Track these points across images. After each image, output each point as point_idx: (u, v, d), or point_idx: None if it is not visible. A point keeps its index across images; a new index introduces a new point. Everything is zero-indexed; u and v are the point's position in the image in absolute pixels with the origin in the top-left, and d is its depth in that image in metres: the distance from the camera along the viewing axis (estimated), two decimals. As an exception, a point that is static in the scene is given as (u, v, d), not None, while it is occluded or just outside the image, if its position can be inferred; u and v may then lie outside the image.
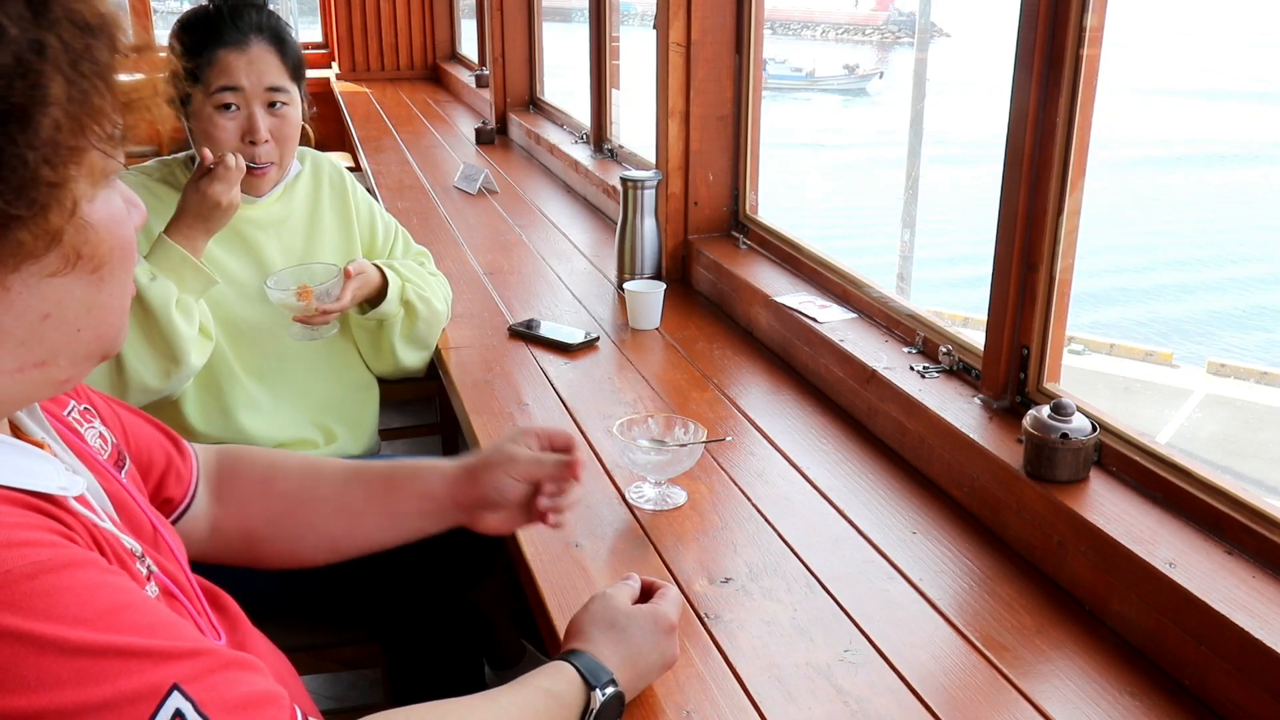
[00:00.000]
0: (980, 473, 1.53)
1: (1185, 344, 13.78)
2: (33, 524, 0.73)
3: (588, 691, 1.04)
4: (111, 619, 0.70)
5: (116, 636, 0.70)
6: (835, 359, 1.93)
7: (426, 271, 2.17)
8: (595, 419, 1.87)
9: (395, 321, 2.03)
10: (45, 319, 0.75)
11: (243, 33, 1.85)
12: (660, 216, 2.56)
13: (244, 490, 1.24)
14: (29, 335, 0.75)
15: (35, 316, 0.75)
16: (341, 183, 2.09)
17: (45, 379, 0.78)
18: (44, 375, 0.77)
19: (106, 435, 1.00)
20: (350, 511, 1.25)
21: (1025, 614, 1.33)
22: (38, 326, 0.75)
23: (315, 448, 2.00)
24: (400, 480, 1.26)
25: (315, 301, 1.86)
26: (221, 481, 1.24)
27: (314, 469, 1.28)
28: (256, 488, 1.24)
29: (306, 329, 1.91)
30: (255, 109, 1.86)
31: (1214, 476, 1.33)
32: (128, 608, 0.72)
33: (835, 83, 29.44)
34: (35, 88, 0.68)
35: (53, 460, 0.82)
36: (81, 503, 0.81)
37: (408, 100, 5.59)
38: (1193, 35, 32.05)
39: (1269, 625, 1.12)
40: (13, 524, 0.71)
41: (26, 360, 0.76)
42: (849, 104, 28.61)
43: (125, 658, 0.69)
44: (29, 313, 0.74)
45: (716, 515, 1.57)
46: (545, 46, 4.60)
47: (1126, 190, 19.82)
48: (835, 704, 1.18)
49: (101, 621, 0.69)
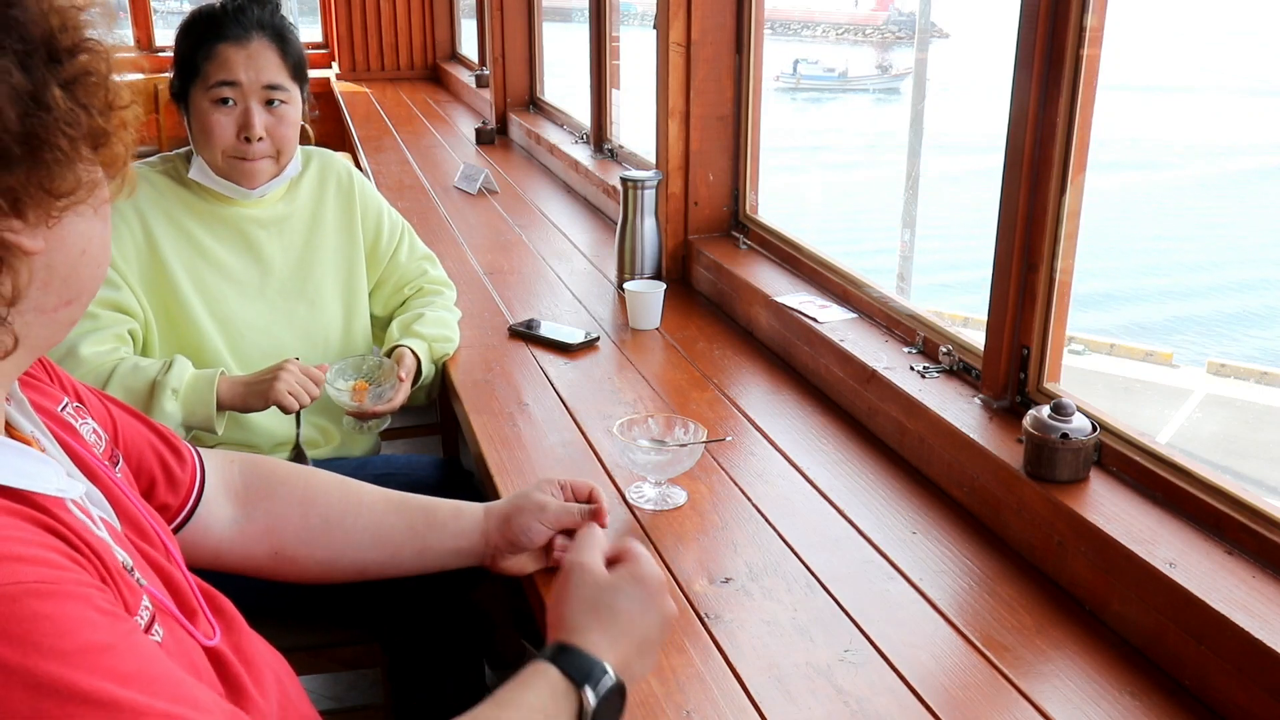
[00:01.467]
0: (980, 473, 1.53)
1: (1198, 343, 13.73)
2: (28, 538, 0.70)
3: (577, 692, 0.94)
4: (89, 659, 0.66)
5: (88, 679, 0.66)
6: (835, 359, 1.93)
7: (426, 281, 2.17)
8: (595, 419, 1.87)
9: (429, 374, 2.08)
10: (83, 254, 0.77)
11: (244, 28, 1.85)
12: (660, 216, 2.56)
13: (280, 507, 1.25)
14: (70, 272, 0.77)
15: (77, 252, 0.77)
16: (349, 184, 2.09)
17: (68, 318, 0.79)
18: (68, 314, 0.79)
19: (100, 431, 0.99)
20: (388, 542, 1.28)
21: (1025, 614, 1.33)
22: (77, 262, 0.77)
23: (315, 448, 2.00)
24: (440, 519, 1.31)
25: (368, 402, 1.92)
26: (251, 494, 1.24)
27: (356, 496, 1.30)
28: (295, 507, 1.25)
29: (357, 422, 1.97)
30: (252, 104, 1.86)
31: (1214, 476, 1.33)
32: (109, 650, 0.68)
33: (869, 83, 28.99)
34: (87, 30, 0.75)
35: (50, 461, 0.80)
36: (77, 508, 0.79)
37: (408, 100, 5.59)
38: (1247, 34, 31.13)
39: (1269, 625, 1.12)
40: (7, 536, 0.68)
41: (63, 298, 0.77)
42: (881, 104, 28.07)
43: (90, 706, 0.65)
44: (74, 248, 0.77)
45: (716, 515, 1.57)
46: (545, 46, 4.60)
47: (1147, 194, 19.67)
48: (835, 704, 1.18)
49: (78, 660, 0.66)
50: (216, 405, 1.76)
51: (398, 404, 1.94)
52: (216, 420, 1.76)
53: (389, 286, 2.16)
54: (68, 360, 1.72)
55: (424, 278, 2.18)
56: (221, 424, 1.78)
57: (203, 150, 1.88)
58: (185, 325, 1.88)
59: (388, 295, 2.16)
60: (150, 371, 1.76)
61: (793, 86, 27.39)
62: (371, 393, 1.91)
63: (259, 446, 1.92)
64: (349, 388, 1.91)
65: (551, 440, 1.80)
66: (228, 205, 1.93)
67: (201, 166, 1.89)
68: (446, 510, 1.32)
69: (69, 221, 0.75)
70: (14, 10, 0.71)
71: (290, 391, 1.76)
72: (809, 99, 27.52)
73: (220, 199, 1.93)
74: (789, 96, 27.33)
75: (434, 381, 2.11)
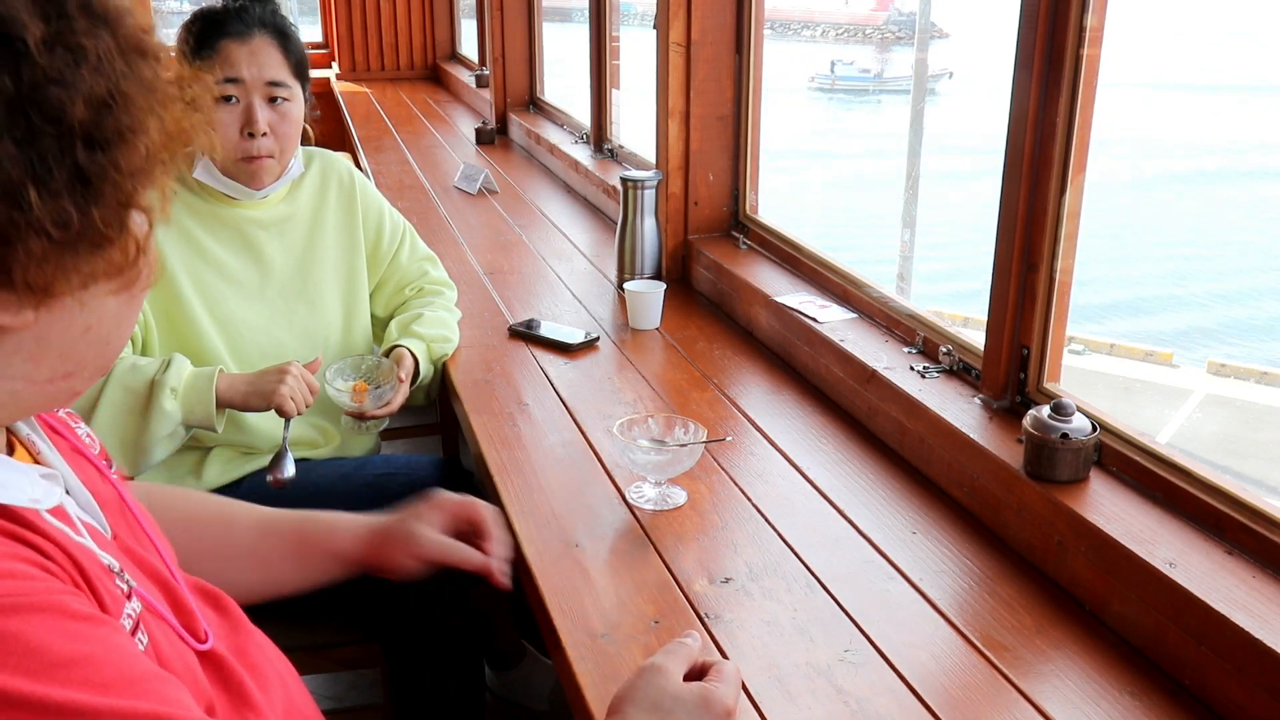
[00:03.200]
0: (980, 473, 1.53)
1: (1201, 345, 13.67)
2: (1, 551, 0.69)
3: None
4: (62, 672, 0.65)
5: (62, 691, 0.65)
6: (835, 359, 1.93)
7: (426, 282, 2.17)
8: (595, 419, 1.87)
9: (428, 375, 2.08)
10: (86, 332, 0.76)
11: (247, 25, 1.86)
12: (660, 216, 2.56)
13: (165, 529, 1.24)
14: (69, 348, 0.76)
15: (79, 330, 0.75)
16: (351, 184, 2.09)
17: (68, 390, 0.78)
18: (68, 386, 0.78)
19: (94, 434, 0.99)
20: (264, 564, 1.26)
21: (1025, 614, 1.33)
22: (78, 339, 0.76)
23: (315, 448, 2.00)
24: (314, 538, 1.28)
25: (368, 404, 1.92)
26: None
27: (228, 518, 1.28)
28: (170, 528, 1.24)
29: (356, 423, 1.97)
30: (255, 101, 1.86)
31: (1214, 476, 1.33)
32: (84, 659, 0.67)
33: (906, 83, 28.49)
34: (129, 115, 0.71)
35: (24, 468, 0.78)
36: (57, 515, 0.78)
37: (408, 100, 5.58)
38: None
39: (1269, 625, 1.12)
40: None
41: (59, 371, 0.76)
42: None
43: (69, 717, 0.64)
44: (75, 326, 0.75)
45: (716, 515, 1.57)
46: (545, 46, 4.60)
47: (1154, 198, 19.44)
48: (835, 704, 1.18)
49: (50, 675, 0.65)
50: (216, 403, 1.76)
51: (396, 406, 1.94)
52: (216, 419, 1.76)
53: (390, 287, 2.16)
54: None
55: (425, 278, 2.19)
56: (221, 422, 1.78)
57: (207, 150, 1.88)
58: (185, 326, 1.88)
59: (389, 296, 2.16)
60: (149, 370, 1.76)
61: (829, 87, 27.26)
62: (371, 393, 1.92)
63: (257, 447, 1.92)
64: (348, 388, 1.91)
65: (551, 440, 1.80)
66: (229, 206, 1.93)
67: (207, 166, 1.89)
68: (320, 528, 1.29)
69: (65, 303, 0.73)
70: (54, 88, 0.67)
71: (292, 396, 1.76)
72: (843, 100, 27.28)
73: (222, 200, 1.93)
74: (826, 97, 27.18)
75: (433, 382, 2.11)
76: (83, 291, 0.73)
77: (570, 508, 1.58)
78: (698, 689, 0.99)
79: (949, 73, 27.25)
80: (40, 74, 0.67)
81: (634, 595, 1.37)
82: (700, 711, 0.97)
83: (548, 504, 1.60)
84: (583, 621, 1.32)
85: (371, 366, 1.97)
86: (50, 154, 0.67)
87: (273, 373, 1.78)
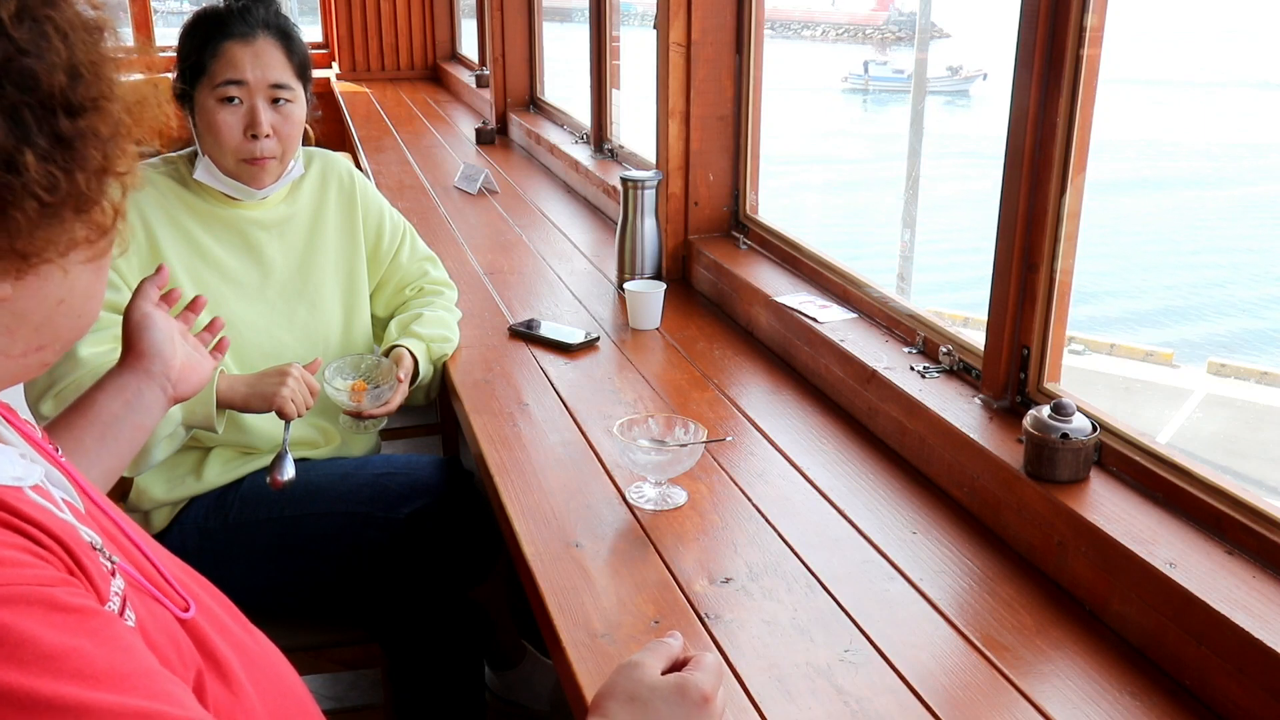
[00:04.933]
0: (980, 473, 1.53)
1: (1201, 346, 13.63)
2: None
3: None
4: (53, 664, 0.64)
5: (52, 685, 0.63)
6: (835, 359, 1.93)
7: (427, 282, 2.17)
8: (595, 419, 1.87)
9: (427, 374, 2.08)
10: (60, 304, 0.78)
11: (250, 26, 1.85)
12: (660, 216, 2.56)
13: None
14: (43, 320, 0.78)
15: (53, 302, 0.78)
16: (351, 185, 2.09)
17: (39, 362, 0.80)
18: (39, 359, 0.80)
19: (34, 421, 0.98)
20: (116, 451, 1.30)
21: (1025, 614, 1.33)
22: (52, 312, 0.78)
23: (315, 448, 2.00)
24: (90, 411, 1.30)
25: (366, 403, 1.92)
26: None
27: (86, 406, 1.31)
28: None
29: (354, 421, 1.97)
30: (258, 102, 1.86)
31: (1214, 476, 1.33)
32: (74, 652, 0.66)
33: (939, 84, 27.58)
34: (102, 81, 0.74)
35: (4, 448, 0.78)
36: (39, 492, 0.77)
37: (408, 100, 5.59)
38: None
39: (1269, 625, 1.13)
40: None
41: (32, 344, 0.78)
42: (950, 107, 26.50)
43: (57, 712, 0.63)
44: (50, 299, 0.77)
45: (717, 515, 1.57)
46: (545, 46, 4.60)
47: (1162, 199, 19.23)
48: (835, 704, 1.18)
49: (40, 667, 0.63)
50: (216, 404, 1.76)
51: (395, 406, 1.94)
52: (217, 420, 1.76)
53: (390, 288, 2.16)
54: (66, 361, 1.72)
55: (425, 278, 2.19)
56: (222, 423, 1.78)
57: (210, 150, 1.88)
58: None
59: (389, 296, 2.16)
60: None
61: (862, 88, 27.06)
62: (370, 393, 1.91)
63: (258, 448, 1.92)
64: (347, 387, 1.91)
65: (552, 440, 1.80)
66: (230, 207, 1.93)
67: (208, 167, 1.89)
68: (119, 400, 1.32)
69: (45, 272, 0.75)
70: (28, 59, 0.70)
71: (292, 399, 1.76)
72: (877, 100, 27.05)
73: (223, 201, 1.93)
74: (859, 97, 26.99)
75: (433, 382, 2.11)
76: (63, 259, 0.75)
77: (570, 508, 1.59)
78: (674, 678, 0.99)
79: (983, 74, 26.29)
80: (15, 47, 0.70)
81: (634, 595, 1.37)
82: (677, 699, 0.97)
83: (548, 504, 1.60)
84: (583, 621, 1.32)
85: (371, 366, 1.97)
86: (34, 122, 0.70)
87: (274, 374, 1.78)
